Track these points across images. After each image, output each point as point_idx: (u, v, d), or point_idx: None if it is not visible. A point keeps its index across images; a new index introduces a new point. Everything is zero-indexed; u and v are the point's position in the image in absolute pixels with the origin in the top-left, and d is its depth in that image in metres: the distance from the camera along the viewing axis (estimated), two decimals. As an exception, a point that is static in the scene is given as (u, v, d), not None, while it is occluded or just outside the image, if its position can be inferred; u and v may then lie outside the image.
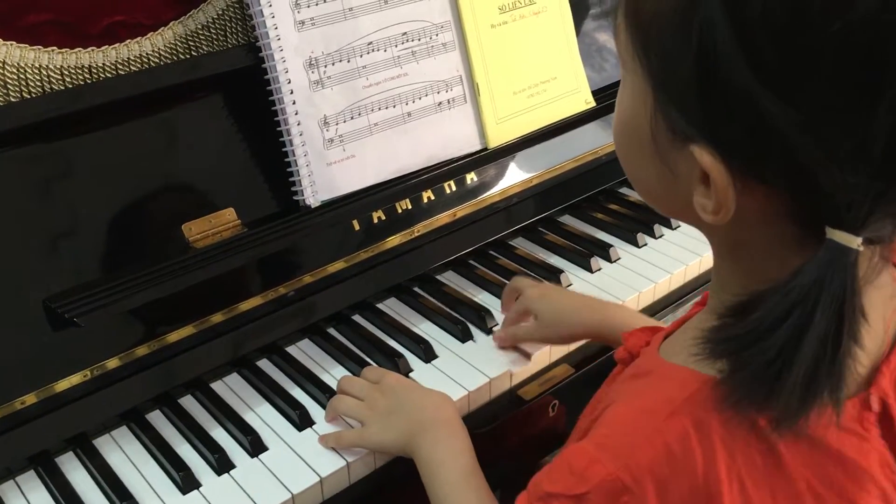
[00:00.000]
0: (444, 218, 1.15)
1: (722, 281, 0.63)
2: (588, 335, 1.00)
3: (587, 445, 0.59)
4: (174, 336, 0.96)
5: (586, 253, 1.21)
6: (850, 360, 0.51)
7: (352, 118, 1.05)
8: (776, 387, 0.51)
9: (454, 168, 1.15)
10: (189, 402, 0.98)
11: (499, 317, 1.08)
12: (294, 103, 1.01)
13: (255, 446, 0.90)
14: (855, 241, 0.49)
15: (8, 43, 0.88)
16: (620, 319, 0.95)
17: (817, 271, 0.49)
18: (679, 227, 1.28)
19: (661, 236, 1.26)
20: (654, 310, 1.17)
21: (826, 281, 0.49)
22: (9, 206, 0.88)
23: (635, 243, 1.24)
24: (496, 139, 1.17)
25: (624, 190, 1.38)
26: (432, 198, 1.14)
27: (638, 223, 1.27)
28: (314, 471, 0.88)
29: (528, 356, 1.03)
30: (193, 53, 1.01)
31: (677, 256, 1.21)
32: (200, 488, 0.87)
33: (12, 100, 0.90)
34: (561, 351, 1.06)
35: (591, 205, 1.34)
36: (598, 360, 1.06)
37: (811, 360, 0.50)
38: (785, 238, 0.53)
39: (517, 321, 1.04)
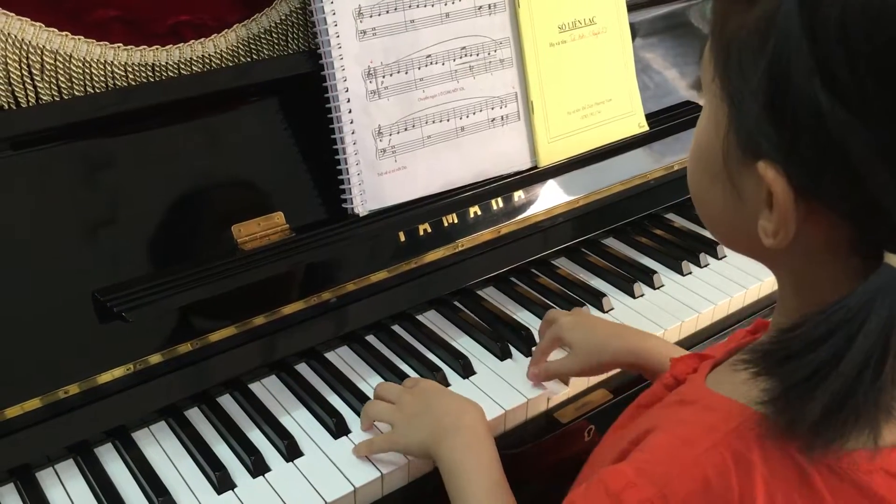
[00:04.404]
0: (488, 234, 1.15)
1: (783, 311, 0.62)
2: (621, 364, 0.98)
3: (626, 468, 0.59)
4: (216, 336, 0.96)
5: (629, 278, 1.20)
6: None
7: (405, 129, 1.05)
8: (806, 407, 0.51)
9: (503, 185, 1.15)
10: (227, 402, 0.98)
11: (538, 337, 1.08)
12: (350, 112, 1.01)
13: (291, 451, 0.91)
14: None
15: (76, 37, 0.89)
16: (653, 349, 0.94)
17: (868, 294, 0.49)
18: (725, 256, 1.26)
19: (706, 265, 1.25)
20: (695, 340, 1.16)
21: (875, 305, 0.49)
22: (65, 199, 0.90)
23: (680, 271, 1.23)
24: (547, 158, 1.17)
25: (671, 216, 1.37)
26: (479, 213, 1.14)
27: (683, 250, 1.26)
28: (348, 480, 0.88)
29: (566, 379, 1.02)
30: (254, 57, 1.02)
31: (722, 287, 1.20)
32: (235, 489, 0.87)
33: (76, 93, 0.91)
34: (599, 375, 1.06)
35: (637, 229, 1.33)
36: (636, 387, 1.05)
37: (844, 385, 0.50)
38: (848, 272, 0.53)
39: (549, 350, 1.03)
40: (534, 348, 1.06)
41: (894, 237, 0.49)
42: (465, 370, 1.03)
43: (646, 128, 1.26)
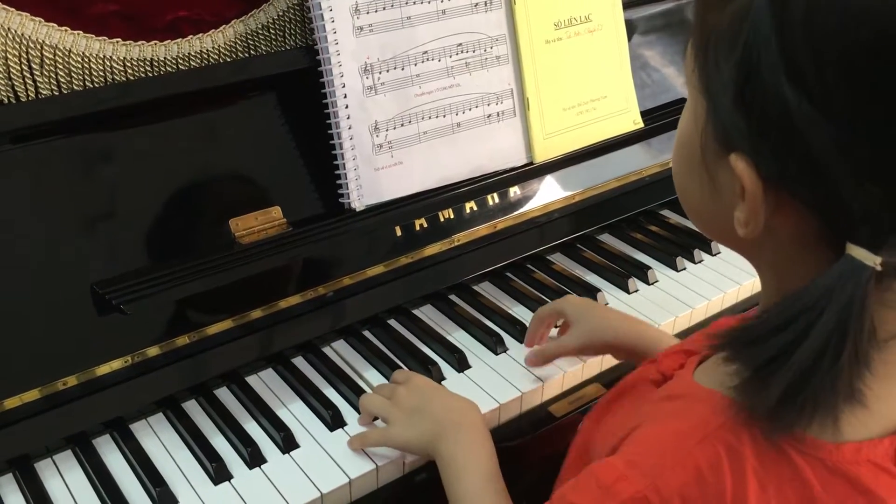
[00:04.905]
0: (484, 229, 1.16)
1: (764, 302, 0.64)
2: (622, 346, 0.99)
3: (616, 461, 0.60)
4: (214, 329, 0.97)
5: (624, 273, 1.21)
6: (857, 381, 0.52)
7: (402, 125, 1.06)
8: (765, 390, 0.53)
9: (498, 180, 1.16)
10: (224, 394, 0.99)
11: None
12: (347, 107, 1.02)
13: (288, 443, 0.92)
14: (872, 259, 0.50)
15: (75, 32, 0.90)
16: (654, 339, 0.95)
17: (829, 283, 0.51)
18: (719, 253, 1.27)
19: (700, 261, 1.26)
20: (688, 335, 1.16)
21: (835, 293, 0.50)
22: (64, 192, 0.91)
23: (674, 267, 1.24)
24: (542, 154, 1.17)
25: (665, 212, 1.38)
26: (475, 208, 1.15)
27: (678, 247, 1.27)
28: (344, 471, 0.89)
29: (561, 372, 1.03)
30: (252, 52, 1.03)
31: (716, 283, 1.21)
32: (232, 480, 0.88)
33: (75, 87, 0.92)
34: (592, 370, 1.07)
35: (631, 225, 1.34)
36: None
37: (803, 367, 0.51)
38: (821, 264, 0.54)
39: (547, 320, 1.04)
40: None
41: (854, 228, 0.50)
42: (461, 364, 1.04)
43: (641, 124, 1.27)
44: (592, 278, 1.22)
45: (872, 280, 0.50)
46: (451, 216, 1.13)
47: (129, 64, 0.94)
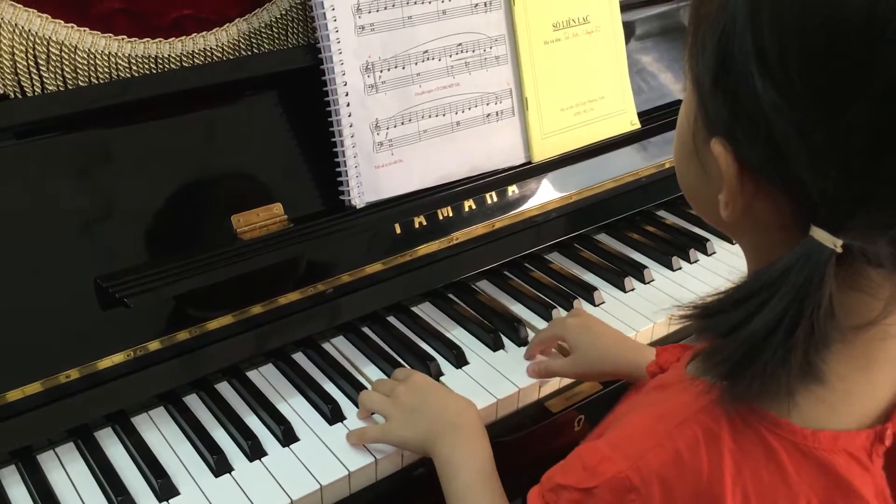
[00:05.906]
0: (482, 228, 1.17)
1: None
2: (620, 375, 1.01)
3: (601, 444, 0.62)
4: (214, 324, 0.98)
5: (620, 272, 1.22)
6: (814, 356, 0.53)
7: (402, 123, 1.08)
8: (718, 361, 0.55)
9: (497, 179, 1.17)
10: (225, 389, 1.00)
11: (530, 328, 1.10)
12: (348, 105, 1.03)
13: (287, 436, 0.93)
14: (832, 241, 0.51)
15: (81, 29, 0.91)
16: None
17: (789, 262, 0.52)
18: (714, 253, 1.29)
19: (695, 261, 1.27)
20: (684, 334, 1.18)
21: (793, 271, 0.52)
22: (69, 187, 0.92)
23: (670, 266, 1.25)
24: (541, 154, 1.19)
25: (661, 213, 1.39)
26: (473, 207, 1.16)
27: (674, 247, 1.28)
28: (343, 464, 0.90)
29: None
30: (255, 50, 1.04)
31: (711, 282, 1.22)
32: (232, 472, 0.89)
33: (81, 84, 0.93)
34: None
35: (628, 225, 1.35)
36: (624, 379, 1.07)
37: (756, 338, 0.53)
38: (793, 248, 0.55)
39: (546, 344, 1.05)
40: (531, 335, 1.08)
41: (815, 212, 0.52)
42: (459, 360, 1.05)
43: (638, 126, 1.29)
44: (589, 277, 1.23)
45: (832, 261, 0.51)
46: (450, 214, 1.14)
47: (133, 61, 0.95)
